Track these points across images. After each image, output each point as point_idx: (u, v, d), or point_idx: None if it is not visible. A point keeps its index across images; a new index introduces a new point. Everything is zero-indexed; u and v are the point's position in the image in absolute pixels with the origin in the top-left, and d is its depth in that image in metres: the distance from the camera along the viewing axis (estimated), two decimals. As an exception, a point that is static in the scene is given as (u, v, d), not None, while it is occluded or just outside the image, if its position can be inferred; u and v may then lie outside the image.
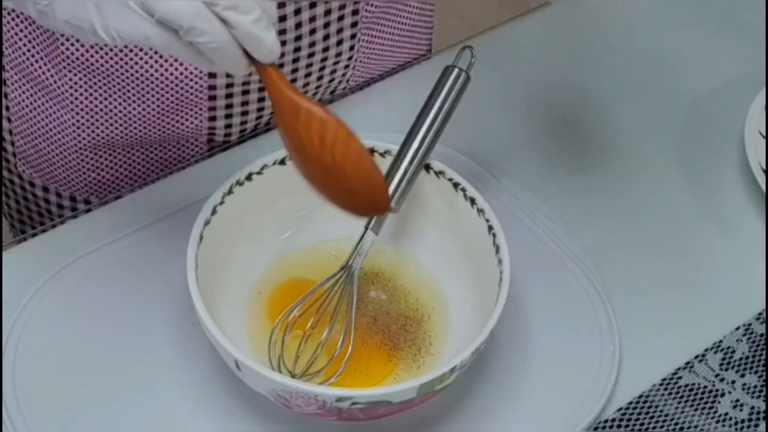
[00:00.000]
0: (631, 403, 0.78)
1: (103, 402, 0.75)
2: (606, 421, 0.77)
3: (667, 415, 0.78)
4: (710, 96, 0.99)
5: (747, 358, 0.81)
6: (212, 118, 0.90)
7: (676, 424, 0.77)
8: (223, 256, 0.78)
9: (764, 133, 0.92)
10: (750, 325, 0.83)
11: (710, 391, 0.79)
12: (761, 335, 0.82)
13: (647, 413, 0.78)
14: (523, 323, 0.81)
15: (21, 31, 0.85)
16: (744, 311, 0.84)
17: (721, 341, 0.82)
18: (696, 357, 0.81)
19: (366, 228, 0.77)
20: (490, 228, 0.76)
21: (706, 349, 0.81)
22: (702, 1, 1.07)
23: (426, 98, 0.79)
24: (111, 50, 0.84)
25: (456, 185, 0.79)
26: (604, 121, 0.96)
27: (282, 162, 0.79)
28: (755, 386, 0.79)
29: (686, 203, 0.91)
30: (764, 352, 0.81)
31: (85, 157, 0.91)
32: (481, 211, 0.78)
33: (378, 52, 0.97)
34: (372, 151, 0.80)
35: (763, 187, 0.89)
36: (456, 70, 0.79)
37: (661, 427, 0.77)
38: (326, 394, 0.68)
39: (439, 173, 0.80)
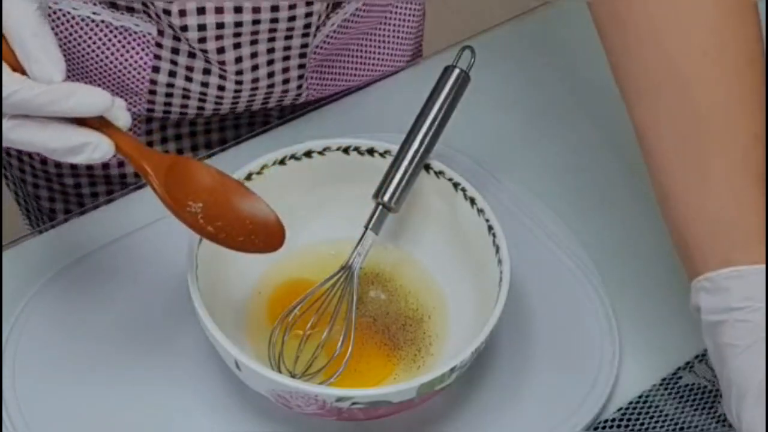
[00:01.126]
0: (631, 403, 0.78)
1: (103, 402, 0.75)
2: (606, 421, 0.77)
3: (667, 415, 0.78)
4: (710, 96, 0.99)
5: (747, 358, 0.81)
6: (150, 109, 0.91)
7: (676, 424, 0.77)
8: (223, 256, 0.78)
9: (764, 133, 0.92)
10: (750, 325, 0.83)
11: (710, 391, 0.79)
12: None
13: (647, 413, 0.78)
14: (523, 323, 0.81)
15: None
16: (744, 311, 0.84)
17: (721, 341, 0.82)
18: (696, 357, 0.81)
19: (366, 228, 0.77)
20: (490, 228, 0.76)
21: (706, 349, 0.81)
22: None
23: (426, 98, 0.79)
24: (62, 24, 0.85)
25: (456, 185, 0.79)
26: (604, 120, 0.96)
27: (282, 162, 0.79)
28: (755, 386, 0.79)
29: (686, 203, 0.91)
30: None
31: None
32: (481, 211, 0.78)
33: (331, 86, 0.96)
34: (372, 151, 0.80)
35: (763, 187, 0.88)
36: (456, 70, 0.79)
37: (661, 427, 0.77)
38: (326, 394, 0.68)
39: (439, 173, 0.80)
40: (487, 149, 0.91)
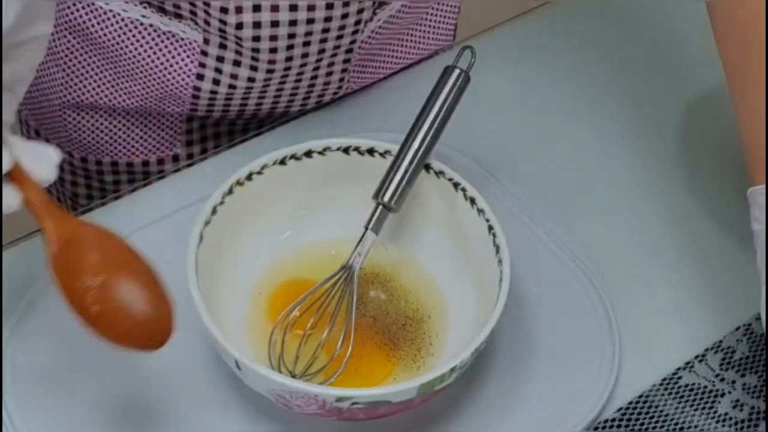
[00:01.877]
0: (631, 403, 0.78)
1: (103, 402, 0.75)
2: (606, 421, 0.77)
3: (667, 415, 0.78)
4: (710, 96, 0.99)
5: (747, 358, 0.81)
6: (193, 110, 0.92)
7: (676, 424, 0.77)
8: (223, 256, 0.78)
9: (764, 133, 0.92)
10: (750, 325, 0.83)
11: (710, 391, 0.79)
12: (761, 335, 0.82)
13: (647, 413, 0.78)
14: (523, 323, 0.81)
15: None
16: (744, 311, 0.84)
17: (721, 341, 0.82)
18: (696, 357, 0.81)
19: (366, 228, 0.77)
20: (490, 228, 0.76)
21: (706, 349, 0.81)
22: (702, 1, 1.07)
23: (426, 98, 0.79)
24: (112, 24, 0.86)
25: (456, 185, 0.79)
26: (604, 120, 0.96)
27: (282, 162, 0.79)
28: (755, 386, 0.79)
29: (686, 203, 0.91)
30: (764, 352, 0.81)
31: (68, 115, 0.93)
32: (481, 211, 0.78)
33: (369, 79, 0.97)
34: (372, 151, 0.80)
35: (763, 187, 0.88)
36: (456, 71, 0.79)
37: (661, 427, 0.77)
38: (326, 394, 0.68)
39: (439, 173, 0.80)
40: (487, 149, 0.91)
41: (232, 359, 0.69)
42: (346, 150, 0.80)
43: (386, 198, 0.77)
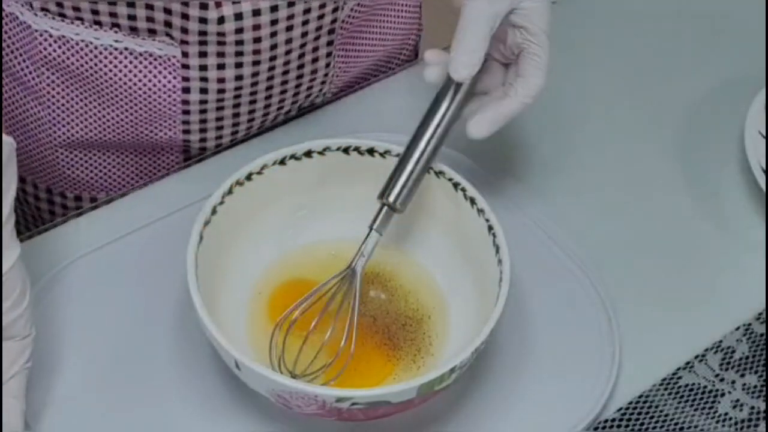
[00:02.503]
0: (631, 403, 0.78)
1: (103, 402, 0.75)
2: (606, 421, 0.77)
3: (667, 415, 0.78)
4: (710, 96, 0.99)
5: (747, 358, 0.81)
6: (186, 131, 0.90)
7: (676, 424, 0.77)
8: (223, 256, 0.78)
9: (764, 133, 0.92)
10: (750, 325, 0.83)
11: (710, 391, 0.79)
12: (761, 335, 0.82)
13: (647, 413, 0.78)
14: (523, 323, 0.81)
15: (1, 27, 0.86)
16: (744, 311, 0.84)
17: (721, 341, 0.82)
18: (696, 357, 0.81)
19: (370, 228, 0.77)
20: (490, 228, 0.76)
21: (706, 349, 0.81)
22: (702, 1, 1.07)
23: (428, 98, 0.79)
24: (86, 54, 0.85)
25: (456, 185, 0.79)
26: (604, 121, 0.96)
27: (282, 162, 0.79)
28: (755, 386, 0.79)
29: (686, 203, 0.91)
30: (764, 352, 0.81)
31: (60, 154, 0.91)
32: (481, 211, 0.78)
33: (354, 63, 0.96)
34: (372, 151, 0.80)
35: (763, 187, 0.88)
36: None
37: (661, 427, 0.77)
38: (326, 394, 0.68)
39: (439, 173, 0.80)
40: (487, 149, 0.91)
41: (232, 359, 0.69)
42: (346, 150, 0.80)
43: (391, 198, 0.77)
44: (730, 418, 0.78)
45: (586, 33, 1.04)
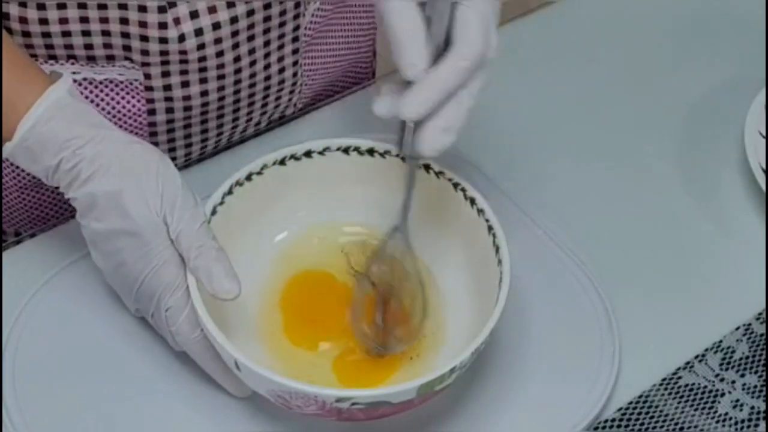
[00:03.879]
0: (631, 403, 0.78)
1: (103, 402, 0.75)
2: (606, 421, 0.77)
3: (667, 415, 0.78)
4: (710, 96, 0.99)
5: (747, 358, 0.81)
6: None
7: (676, 424, 0.77)
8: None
9: (764, 133, 0.92)
10: (750, 325, 0.83)
11: (710, 391, 0.79)
12: (761, 335, 0.82)
13: (647, 413, 0.78)
14: (523, 323, 0.81)
15: None
16: (744, 311, 0.84)
17: (721, 341, 0.82)
18: (696, 357, 0.81)
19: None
20: (490, 228, 0.76)
21: (706, 349, 0.81)
22: (702, 1, 1.07)
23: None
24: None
25: (456, 185, 0.79)
26: (604, 120, 0.96)
27: (282, 162, 0.79)
28: (755, 386, 0.79)
29: (686, 203, 0.91)
30: (764, 352, 0.81)
31: (27, 195, 0.90)
32: (481, 211, 0.77)
33: (322, 72, 0.96)
34: (372, 151, 0.80)
35: (763, 187, 0.89)
36: None
37: (661, 427, 0.77)
38: (326, 394, 0.68)
39: (439, 173, 0.80)
40: (488, 150, 0.91)
41: (232, 359, 0.69)
42: (346, 150, 0.80)
43: (408, 151, 0.75)
44: (730, 418, 0.78)
45: (586, 33, 1.04)
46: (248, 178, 0.78)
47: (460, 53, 0.71)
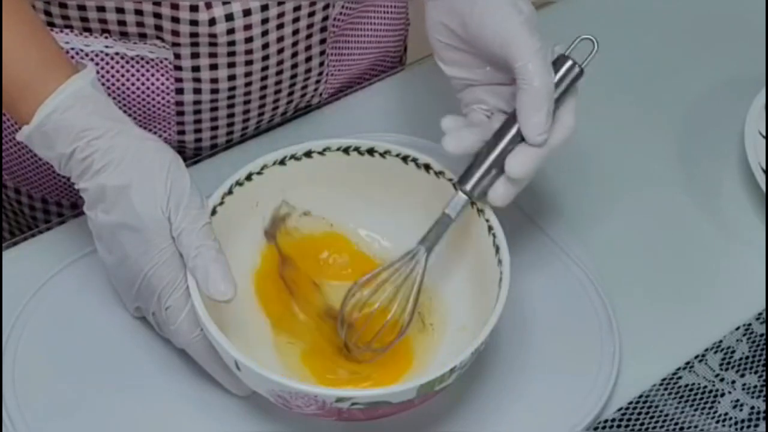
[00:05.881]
0: (631, 403, 0.78)
1: (103, 402, 0.75)
2: (606, 421, 0.77)
3: (667, 415, 0.78)
4: (710, 96, 0.99)
5: (747, 358, 0.81)
6: (181, 132, 0.90)
7: (676, 424, 0.77)
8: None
9: (764, 133, 0.92)
10: (750, 325, 0.83)
11: (710, 391, 0.79)
12: (761, 335, 0.82)
13: (647, 413, 0.78)
14: (523, 323, 0.81)
15: None
16: (744, 311, 0.84)
17: (721, 341, 0.82)
18: (696, 357, 0.81)
19: (443, 213, 0.75)
20: (490, 228, 0.76)
21: (706, 349, 0.81)
22: (702, 0, 1.07)
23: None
24: (81, 60, 0.84)
25: (456, 185, 0.79)
26: (603, 120, 0.96)
27: (282, 162, 0.79)
28: (755, 386, 0.79)
29: (686, 203, 0.91)
30: (764, 352, 0.81)
31: (26, 147, 0.90)
32: (481, 211, 0.77)
33: (348, 63, 0.97)
34: (372, 151, 0.80)
35: (763, 187, 0.89)
36: (569, 62, 0.77)
37: (661, 427, 0.77)
38: (326, 394, 0.68)
39: (439, 173, 0.80)
40: (487, 149, 0.91)
41: (232, 359, 0.69)
42: (346, 150, 0.80)
43: (468, 186, 0.75)
44: (730, 418, 0.78)
45: (586, 33, 1.04)
46: (248, 178, 0.78)
47: (570, 127, 0.76)
